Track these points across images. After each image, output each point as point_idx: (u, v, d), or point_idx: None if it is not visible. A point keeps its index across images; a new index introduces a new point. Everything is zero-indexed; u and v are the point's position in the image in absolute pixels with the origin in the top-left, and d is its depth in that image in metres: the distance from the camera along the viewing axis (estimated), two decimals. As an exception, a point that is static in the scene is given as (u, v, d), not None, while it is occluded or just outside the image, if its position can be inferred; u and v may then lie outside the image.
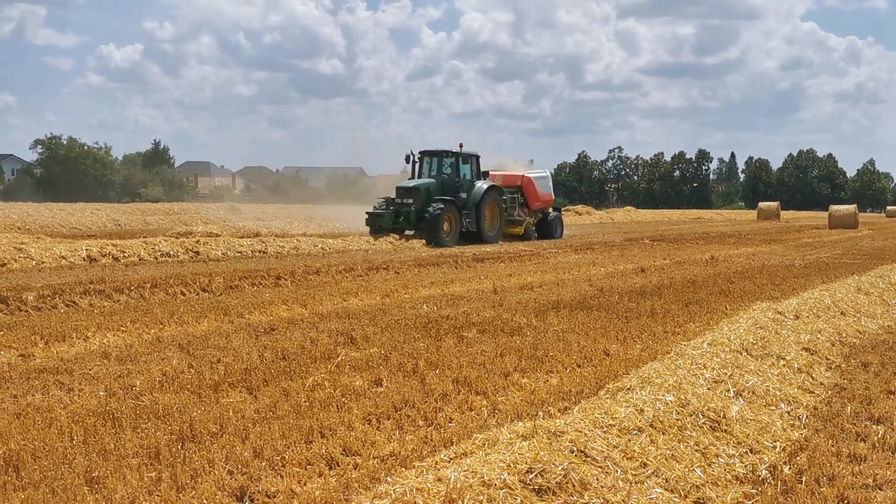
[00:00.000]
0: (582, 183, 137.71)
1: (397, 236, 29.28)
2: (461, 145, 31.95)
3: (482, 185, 31.73)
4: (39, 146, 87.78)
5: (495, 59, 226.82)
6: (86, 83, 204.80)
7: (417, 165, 32.19)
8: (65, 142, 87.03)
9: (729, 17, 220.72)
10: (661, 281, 17.51)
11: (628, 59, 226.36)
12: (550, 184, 36.42)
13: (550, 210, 36.14)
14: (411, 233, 30.11)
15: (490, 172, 33.75)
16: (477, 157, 32.58)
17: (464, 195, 31.04)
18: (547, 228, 35.13)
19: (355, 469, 6.09)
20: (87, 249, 20.48)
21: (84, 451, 6.26)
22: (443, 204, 29.59)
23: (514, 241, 31.89)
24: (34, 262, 18.78)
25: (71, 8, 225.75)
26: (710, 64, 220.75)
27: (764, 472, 6.05)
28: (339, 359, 9.33)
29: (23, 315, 12.31)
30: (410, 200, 30.24)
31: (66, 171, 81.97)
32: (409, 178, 32.20)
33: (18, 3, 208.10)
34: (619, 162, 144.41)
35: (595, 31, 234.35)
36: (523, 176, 34.74)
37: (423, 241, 28.71)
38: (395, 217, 30.41)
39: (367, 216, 31.19)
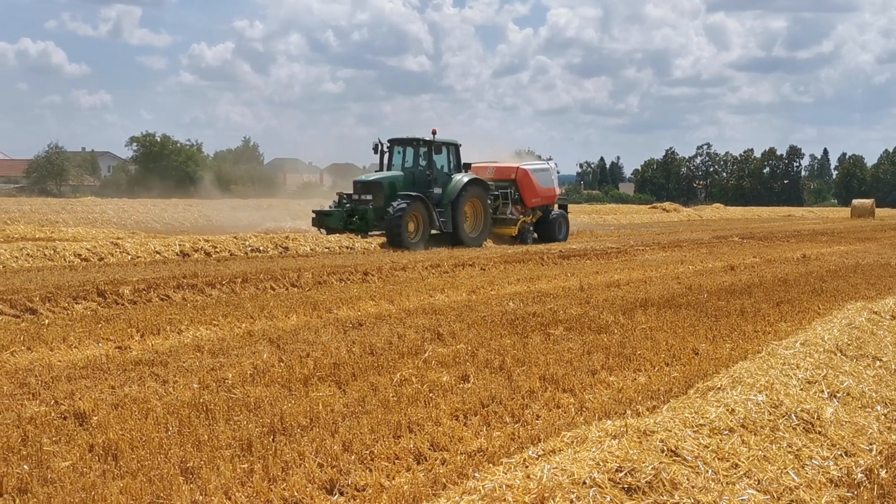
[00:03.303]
0: (669, 180, 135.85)
1: (351, 235, 25.17)
2: (434, 132, 27.16)
3: (461, 178, 27.03)
4: (135, 143, 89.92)
5: (582, 55, 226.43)
6: (178, 81, 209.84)
7: (387, 156, 27.35)
8: (159, 139, 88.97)
9: (822, 10, 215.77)
10: (751, 279, 17.20)
11: (717, 54, 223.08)
12: (553, 177, 31.17)
13: (554, 207, 31.15)
14: (378, 233, 25.78)
15: (478, 164, 29.54)
16: (456, 147, 27.87)
17: (438, 190, 26.48)
18: (548, 229, 30.39)
19: (443, 464, 6.13)
20: (179, 244, 21.01)
21: (179, 442, 6.42)
22: (408, 200, 25.12)
23: (504, 244, 27.89)
24: (130, 257, 19.32)
25: (165, 8, 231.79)
26: (802, 58, 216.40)
27: (860, 475, 5.91)
28: (426, 354, 9.39)
29: (119, 308, 12.68)
30: (369, 197, 26.01)
31: (159, 168, 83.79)
32: (377, 171, 27.70)
33: (115, 4, 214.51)
34: (707, 158, 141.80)
35: (684, 26, 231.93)
36: (518, 168, 30.02)
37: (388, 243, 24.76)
38: (348, 216, 26.13)
39: (314, 215, 27.06)
